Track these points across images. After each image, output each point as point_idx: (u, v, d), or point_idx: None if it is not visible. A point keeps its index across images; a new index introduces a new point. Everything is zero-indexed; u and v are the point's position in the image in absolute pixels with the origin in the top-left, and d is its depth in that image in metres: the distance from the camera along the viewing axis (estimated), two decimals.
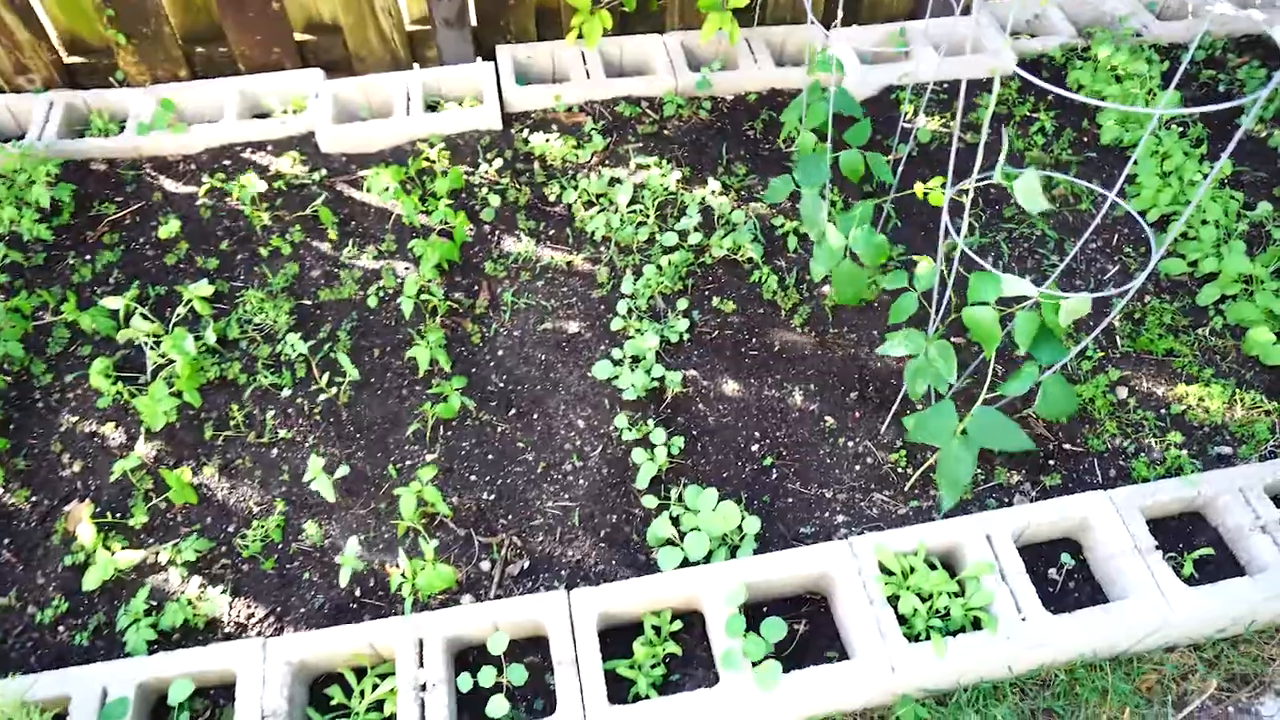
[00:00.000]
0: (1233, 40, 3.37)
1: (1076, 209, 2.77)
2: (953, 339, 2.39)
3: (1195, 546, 2.04)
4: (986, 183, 2.77)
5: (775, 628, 1.82)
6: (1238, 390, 2.32)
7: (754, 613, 1.95)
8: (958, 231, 2.68)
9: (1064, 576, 2.02)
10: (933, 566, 1.96)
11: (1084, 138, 3.00)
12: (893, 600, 1.88)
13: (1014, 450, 2.10)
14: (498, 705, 1.74)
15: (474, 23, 3.15)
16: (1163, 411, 2.28)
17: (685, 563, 1.97)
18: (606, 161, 2.90)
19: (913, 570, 1.92)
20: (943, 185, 2.62)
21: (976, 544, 1.95)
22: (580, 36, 2.98)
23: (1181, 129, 3.01)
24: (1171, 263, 2.60)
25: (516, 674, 1.79)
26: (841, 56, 3.20)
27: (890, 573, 1.93)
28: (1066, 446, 2.22)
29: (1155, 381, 2.34)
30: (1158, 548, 1.95)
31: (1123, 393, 2.32)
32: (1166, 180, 2.77)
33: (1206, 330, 2.44)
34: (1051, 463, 2.19)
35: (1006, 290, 1.83)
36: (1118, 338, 2.43)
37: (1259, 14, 3.38)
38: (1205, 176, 2.78)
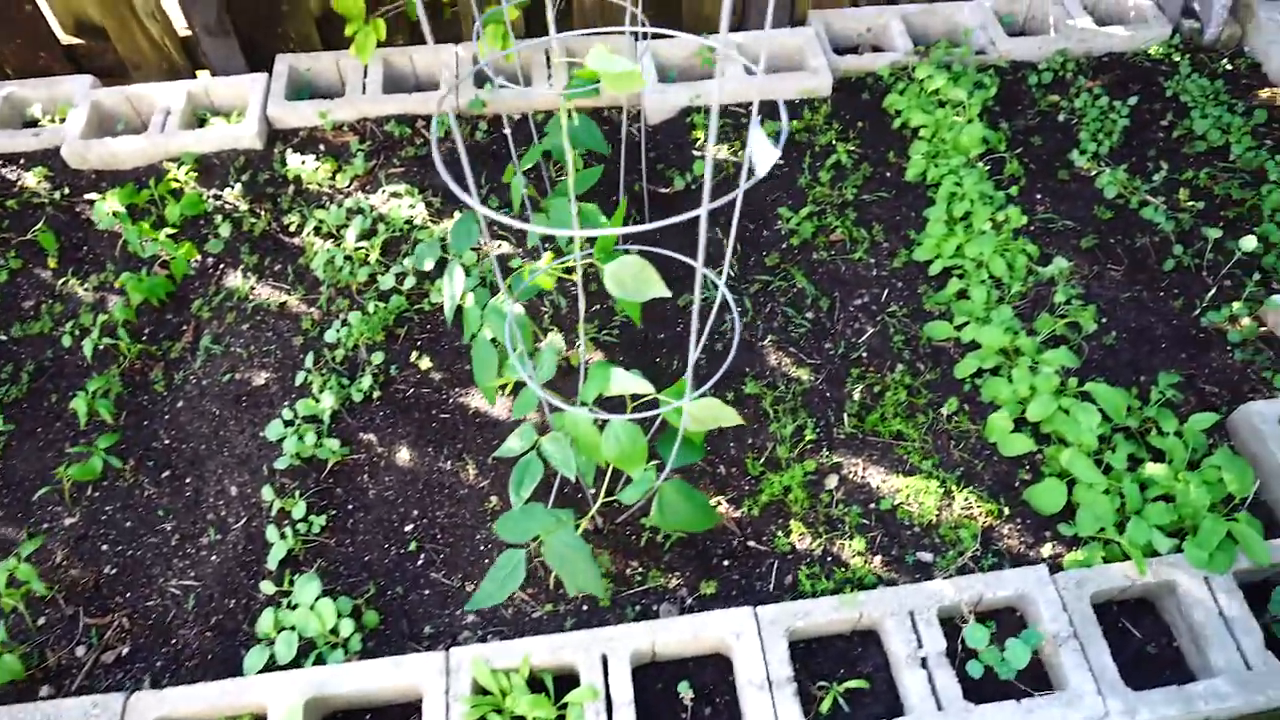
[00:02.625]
0: (1090, 60, 3.01)
1: (849, 258, 2.49)
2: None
3: (859, 674, 1.81)
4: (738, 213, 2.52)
5: None
6: (958, 485, 2.05)
7: None
8: (715, 287, 2.43)
9: (697, 707, 1.80)
10: (538, 686, 1.76)
11: (887, 172, 2.70)
12: None
13: (700, 530, 1.88)
14: None
15: (249, 29, 2.95)
16: (871, 507, 2.03)
17: (272, 665, 1.81)
18: (366, 188, 2.71)
19: (508, 691, 1.73)
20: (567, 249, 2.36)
21: (591, 665, 1.75)
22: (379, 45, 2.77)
23: (992, 166, 2.69)
24: (938, 326, 2.32)
25: None
26: (645, 74, 2.95)
27: (487, 692, 1.75)
28: (751, 544, 1.99)
29: (874, 470, 2.09)
30: (795, 679, 1.73)
31: (832, 482, 2.07)
32: (953, 227, 2.47)
33: (947, 410, 2.17)
34: (726, 563, 1.97)
35: (615, 388, 1.61)
36: (845, 415, 2.17)
37: (1123, 30, 3.01)
38: (1002, 223, 2.48)
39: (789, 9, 3.07)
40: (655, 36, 2.98)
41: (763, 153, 1.16)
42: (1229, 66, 2.97)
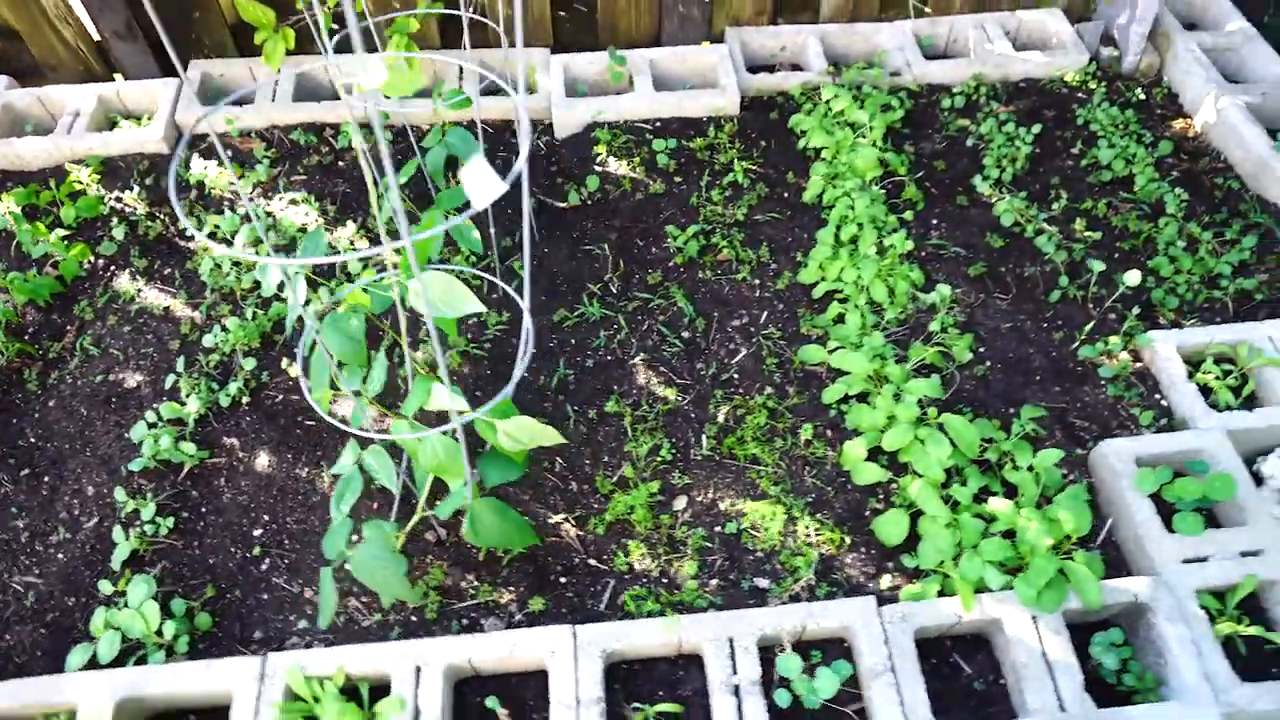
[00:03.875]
0: (1006, 86, 2.99)
1: (733, 278, 2.48)
2: None
3: (678, 698, 1.81)
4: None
5: None
6: (806, 512, 2.04)
7: None
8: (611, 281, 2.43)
9: None
10: (352, 695, 1.77)
11: (785, 192, 2.70)
12: None
13: (517, 547, 1.88)
14: None
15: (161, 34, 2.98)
16: (717, 530, 2.02)
17: (94, 663, 1.82)
18: (268, 194, 2.73)
19: (319, 699, 1.73)
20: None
21: (404, 676, 1.75)
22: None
23: (891, 189, 2.68)
24: (812, 350, 2.30)
25: None
26: (546, 86, 2.97)
27: (300, 699, 1.75)
28: (591, 562, 1.99)
29: (725, 493, 2.08)
30: (604, 700, 1.72)
31: (681, 503, 2.06)
32: (839, 250, 2.46)
33: (805, 436, 2.15)
34: (564, 580, 1.96)
35: (435, 403, 1.62)
36: (704, 437, 2.16)
37: (1041, 56, 2.99)
38: (889, 248, 2.46)
39: (705, 26, 3.07)
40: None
41: (482, 185, 1.16)
42: (1142, 96, 2.94)
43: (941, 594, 1.88)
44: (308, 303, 1.92)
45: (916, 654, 1.78)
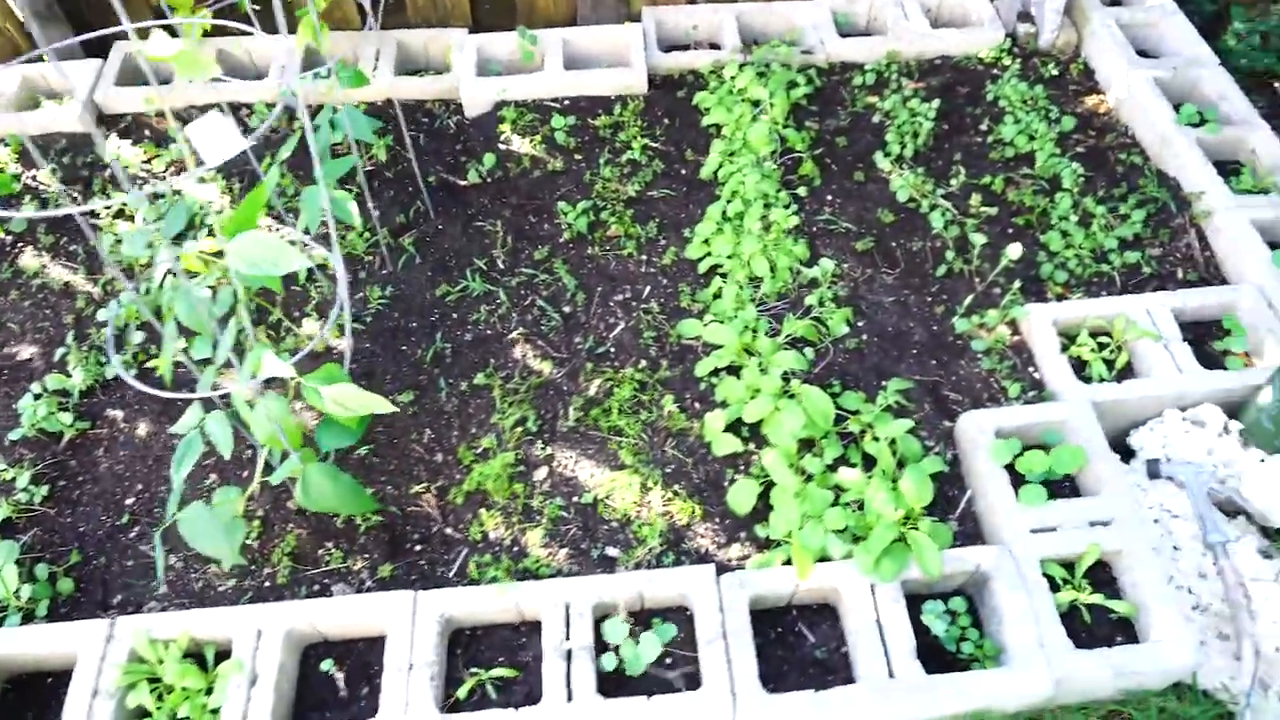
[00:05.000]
0: (921, 63, 2.97)
1: (620, 253, 2.49)
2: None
3: (517, 663, 1.83)
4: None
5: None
6: (663, 483, 2.05)
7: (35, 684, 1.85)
8: (483, 279, 2.45)
9: (354, 687, 1.82)
10: (200, 659, 1.81)
11: (683, 169, 2.70)
12: (130, 692, 1.75)
13: (352, 513, 1.91)
14: None
15: (83, 15, 3.04)
16: (574, 500, 2.04)
17: None
18: (182, 174, 2.78)
19: (163, 661, 1.78)
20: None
21: (246, 640, 1.79)
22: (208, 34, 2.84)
23: (790, 165, 2.67)
24: (689, 324, 2.31)
25: None
26: (459, 65, 2.99)
27: (144, 661, 1.80)
28: (448, 531, 2.02)
29: (586, 464, 2.10)
30: (437, 664, 1.75)
31: (542, 474, 2.09)
32: (722, 226, 2.47)
33: (667, 408, 2.17)
34: (419, 548, 1.99)
35: (266, 370, 1.65)
36: (571, 410, 2.18)
37: (956, 33, 2.96)
38: (774, 223, 2.46)
39: (623, 5, 3.07)
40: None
41: (217, 141, 1.18)
42: (1055, 72, 2.91)
43: (788, 564, 1.89)
44: (170, 273, 1.96)
45: (750, 621, 1.80)
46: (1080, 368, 2.21)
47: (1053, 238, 2.46)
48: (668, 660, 1.81)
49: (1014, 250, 2.32)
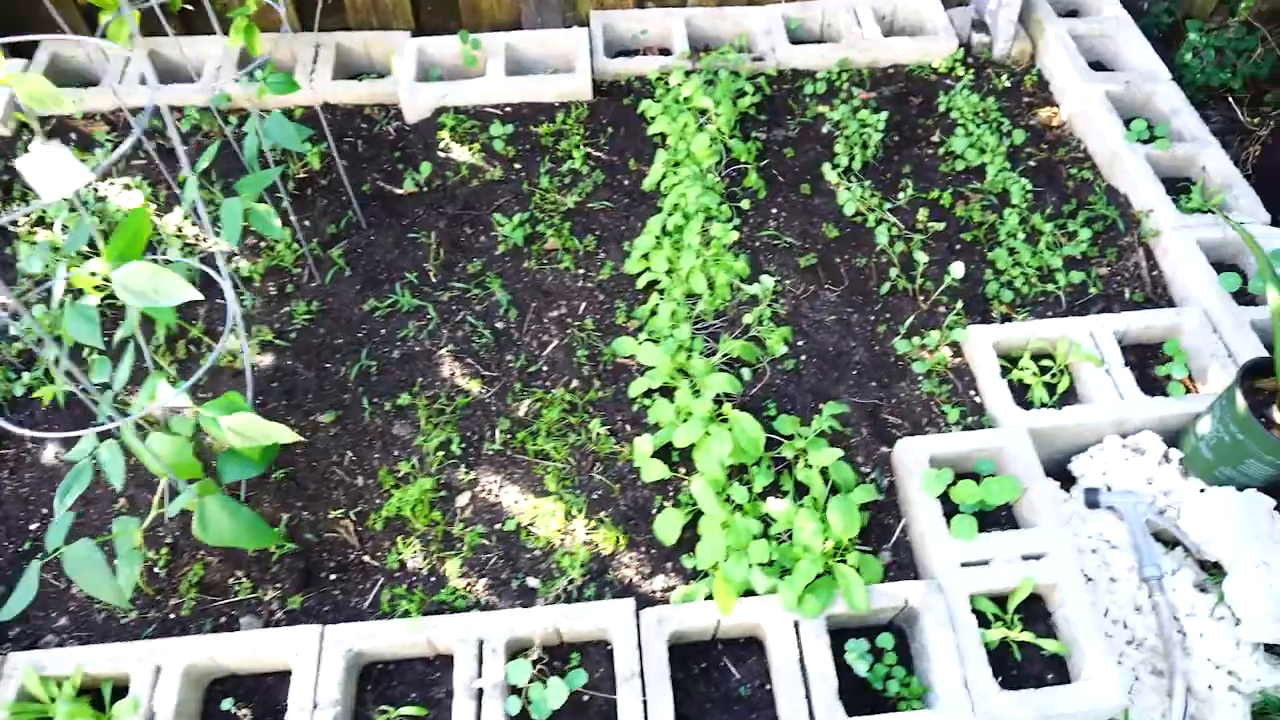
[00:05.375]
0: (874, 72, 2.91)
1: (556, 267, 2.42)
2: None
3: (429, 700, 1.76)
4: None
5: None
6: (588, 510, 1.99)
7: None
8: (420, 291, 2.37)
9: None
10: (94, 694, 1.73)
11: (625, 180, 2.63)
12: None
13: (253, 547, 1.82)
14: None
15: (6, 13, 2.93)
16: (496, 527, 1.98)
17: None
18: (108, 179, 2.68)
19: (55, 699, 1.70)
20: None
21: (143, 677, 1.71)
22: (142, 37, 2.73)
23: (732, 176, 2.60)
24: (624, 342, 2.24)
25: None
26: (399, 70, 2.91)
27: (35, 700, 1.71)
28: (365, 559, 1.95)
29: (510, 489, 2.03)
30: (341, 703, 1.68)
31: (464, 499, 2.02)
32: (661, 240, 2.40)
33: (594, 431, 2.10)
34: (334, 577, 1.92)
35: (161, 399, 1.57)
36: (498, 432, 2.11)
37: (910, 42, 2.91)
38: (714, 238, 2.40)
39: (569, 8, 2.99)
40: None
41: (54, 174, 1.10)
42: (1008, 84, 2.86)
43: (712, 597, 1.83)
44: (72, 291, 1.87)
45: (670, 658, 1.74)
46: (1023, 391, 2.16)
47: (1000, 255, 2.41)
48: (585, 698, 1.75)
49: (957, 269, 2.27)
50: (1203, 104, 3.02)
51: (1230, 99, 2.97)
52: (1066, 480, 2.12)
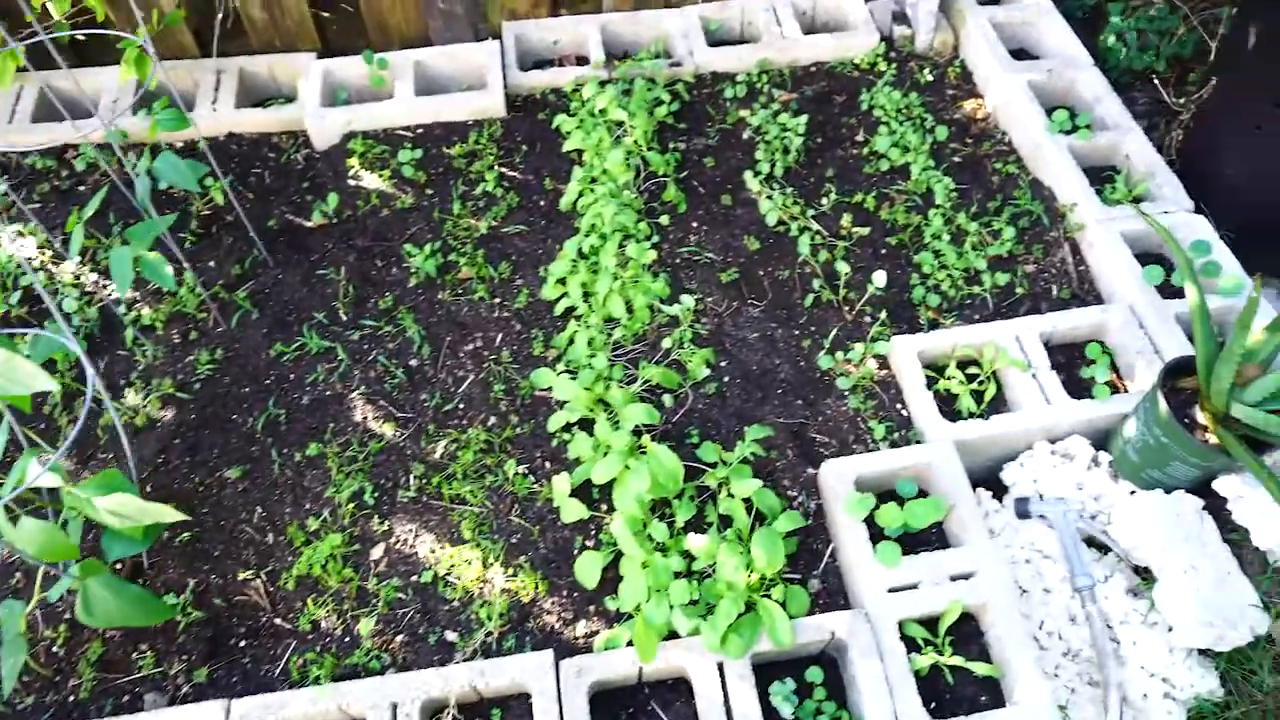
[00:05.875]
0: (796, 71, 2.84)
1: (471, 298, 2.34)
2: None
3: None
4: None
5: None
6: (506, 555, 1.92)
7: None
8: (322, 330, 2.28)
9: None
10: None
11: (542, 201, 2.55)
12: None
13: (145, 624, 1.74)
14: None
15: None
16: (412, 580, 1.90)
17: None
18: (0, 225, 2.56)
19: None
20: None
21: None
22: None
23: (651, 190, 2.53)
24: (542, 374, 2.17)
25: None
26: (304, 94, 2.80)
27: None
28: (278, 621, 1.87)
29: (426, 538, 1.96)
30: None
31: (378, 552, 1.94)
32: (577, 263, 2.33)
33: (510, 472, 2.03)
34: (243, 644, 1.84)
35: (30, 480, 1.49)
36: (412, 477, 2.04)
37: (830, 39, 2.84)
38: (630, 259, 2.33)
39: (479, 21, 2.89)
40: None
41: None
42: (930, 77, 2.80)
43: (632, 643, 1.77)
44: None
45: (591, 706, 1.68)
46: (952, 400, 2.12)
47: (926, 258, 2.36)
48: None
49: (879, 278, 2.22)
50: (1129, 87, 2.98)
51: (1155, 80, 2.93)
52: (1001, 489, 2.08)
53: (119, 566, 1.91)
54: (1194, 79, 2.89)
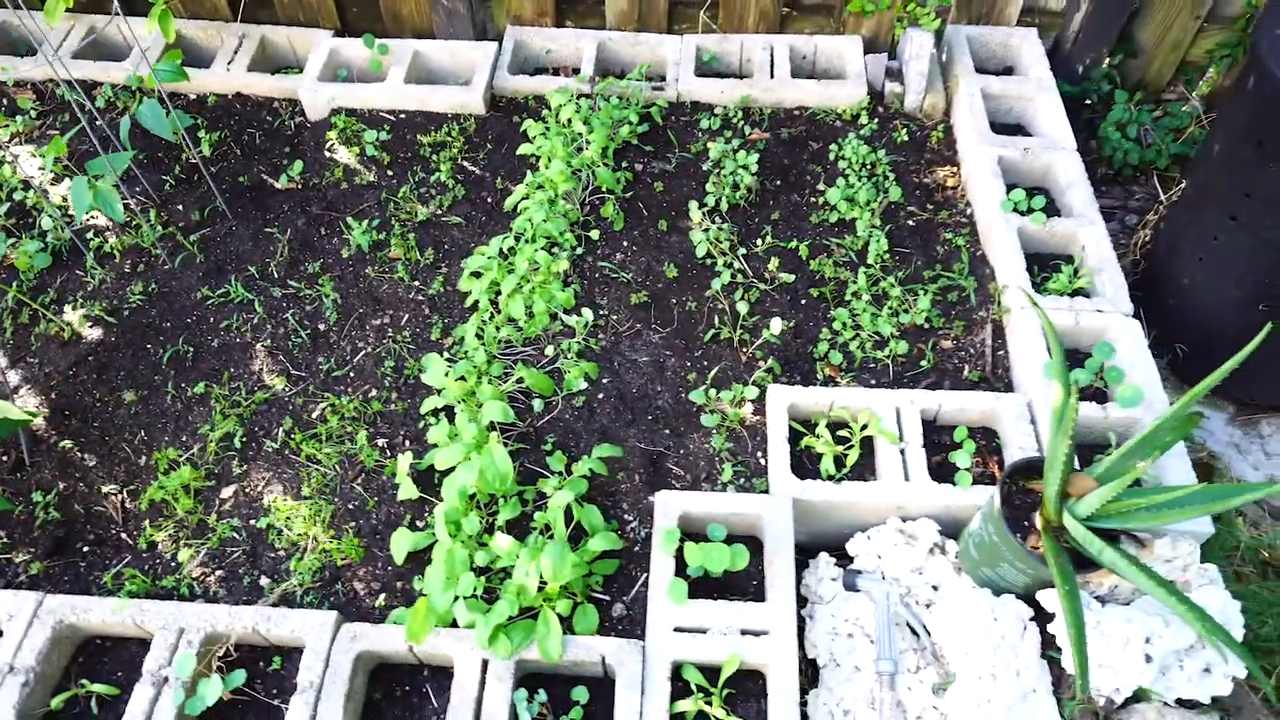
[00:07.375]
0: (778, 112, 2.83)
1: (392, 277, 2.44)
2: None
3: (128, 681, 1.81)
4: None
5: None
6: (335, 519, 2.00)
7: None
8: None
9: None
10: None
11: (489, 198, 2.64)
12: None
13: None
14: None
15: None
16: (251, 523, 2.01)
17: None
18: (21, 144, 2.84)
19: None
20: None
21: None
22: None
23: (595, 203, 2.58)
24: (431, 359, 2.25)
25: None
26: (309, 68, 2.98)
27: None
28: (124, 536, 2.01)
29: (275, 488, 2.06)
30: (30, 670, 1.75)
31: (229, 491, 2.06)
32: (494, 261, 2.40)
33: (363, 444, 2.11)
34: (88, 549, 1.99)
35: None
36: (281, 430, 2.15)
37: (815, 85, 2.82)
38: (543, 265, 2.39)
39: (484, 21, 3.02)
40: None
41: None
42: (906, 137, 2.74)
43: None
44: None
45: (362, 676, 1.75)
46: (817, 460, 2.08)
47: (841, 315, 2.32)
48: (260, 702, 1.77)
49: (775, 325, 2.20)
50: (1131, 179, 2.84)
51: (1155, 176, 2.78)
52: (847, 558, 2.03)
53: (4, 458, 2.11)
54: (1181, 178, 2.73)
